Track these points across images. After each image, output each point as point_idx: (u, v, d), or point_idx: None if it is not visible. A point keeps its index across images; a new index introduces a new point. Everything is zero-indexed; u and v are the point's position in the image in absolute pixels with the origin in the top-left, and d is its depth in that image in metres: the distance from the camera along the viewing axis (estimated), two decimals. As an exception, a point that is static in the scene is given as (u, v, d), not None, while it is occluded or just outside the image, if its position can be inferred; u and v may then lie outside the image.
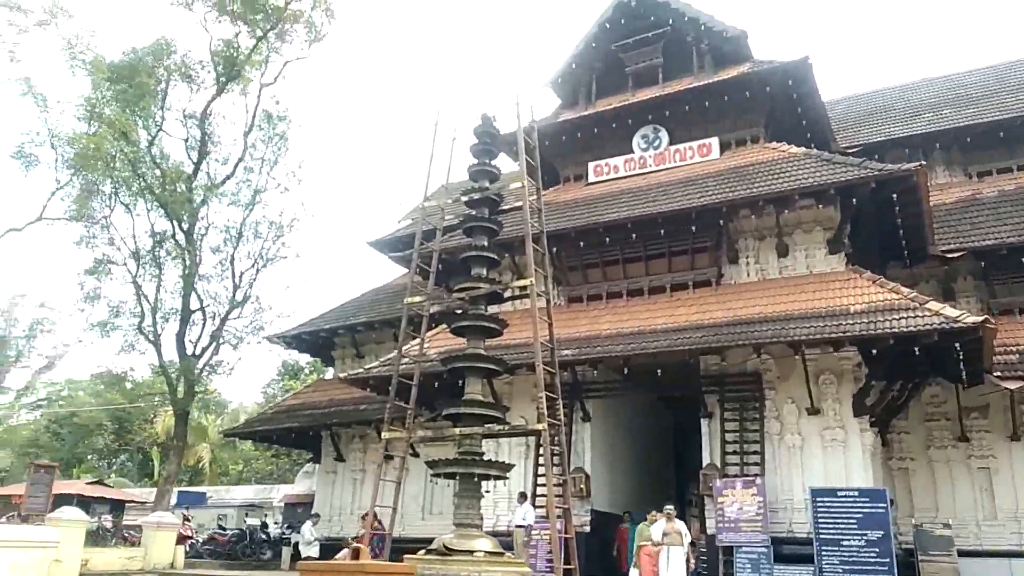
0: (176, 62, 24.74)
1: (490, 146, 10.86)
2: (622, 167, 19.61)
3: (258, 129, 25.90)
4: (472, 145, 10.80)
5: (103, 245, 25.30)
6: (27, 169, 23.81)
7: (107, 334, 27.23)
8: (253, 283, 26.26)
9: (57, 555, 16.45)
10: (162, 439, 38.21)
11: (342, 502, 21.02)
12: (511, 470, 10.24)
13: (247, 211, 26.07)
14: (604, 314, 16.75)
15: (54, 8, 23.89)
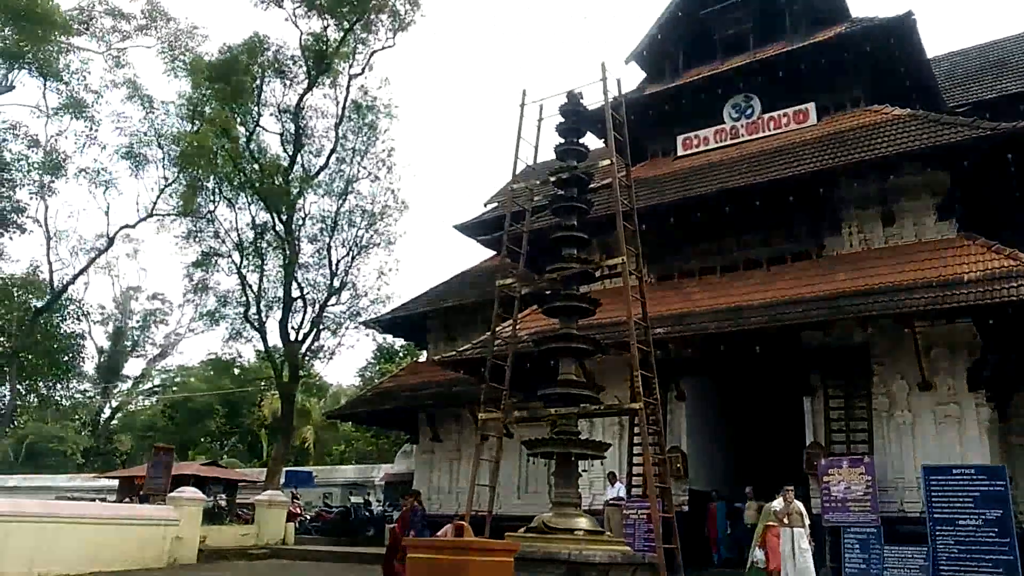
0: (269, 58, 25.65)
1: (577, 125, 10.75)
2: (712, 139, 19.06)
3: (348, 120, 26.61)
4: (559, 124, 10.72)
5: (209, 238, 26.73)
6: (137, 169, 25.23)
7: (215, 323, 28.84)
8: (349, 270, 27.15)
9: (178, 532, 17.55)
10: (269, 421, 40.11)
11: (439, 481, 21.48)
12: (607, 449, 10.20)
13: (341, 201, 26.91)
14: (697, 291, 16.39)
15: (153, 12, 25.13)
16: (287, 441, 27.75)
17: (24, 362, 22.30)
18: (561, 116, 10.66)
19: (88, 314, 27.72)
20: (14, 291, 22.31)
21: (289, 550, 20.13)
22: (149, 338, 49.19)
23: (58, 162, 23.40)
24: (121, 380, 49.84)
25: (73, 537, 15.36)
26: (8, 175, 21.41)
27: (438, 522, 17.15)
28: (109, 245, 25.26)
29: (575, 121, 10.69)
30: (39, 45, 21.14)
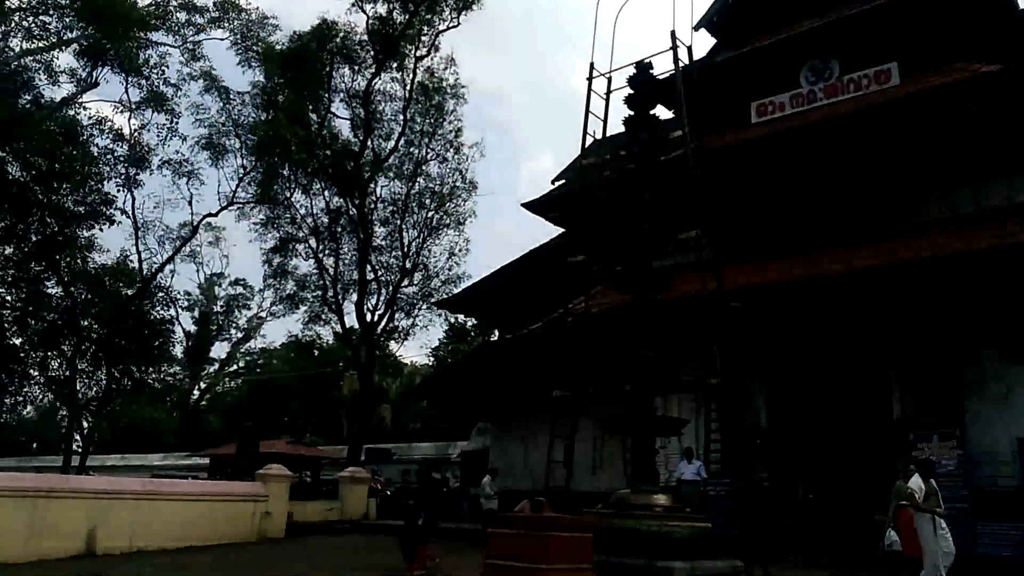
0: (337, 45, 26.01)
1: (646, 96, 10.52)
2: (788, 104, 18.38)
3: (415, 102, 26.82)
4: (627, 96, 10.52)
5: (286, 225, 27.49)
6: (217, 159, 26.05)
7: (295, 306, 29.71)
8: (420, 251, 27.51)
9: (267, 508, 18.27)
10: (348, 401, 41.19)
11: (514, 458, 21.65)
12: (685, 426, 10.07)
13: (411, 183, 27.21)
14: (774, 263, 15.91)
15: (225, 4, 25.76)
16: (366, 420, 28.47)
17: (118, 348, 23.43)
18: (630, 88, 10.46)
19: (176, 300, 29.03)
20: (107, 280, 23.42)
21: (372, 525, 20.68)
22: (233, 322, 51.20)
23: (142, 155, 24.38)
24: (208, 363, 52.08)
25: (169, 513, 16.17)
26: (96, 169, 22.38)
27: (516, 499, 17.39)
28: (193, 233, 26.38)
29: (645, 93, 10.47)
30: (120, 42, 21.97)
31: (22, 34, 22.73)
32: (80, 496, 14.44)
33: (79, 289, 22.99)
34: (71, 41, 22.92)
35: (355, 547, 17.08)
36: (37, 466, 35.52)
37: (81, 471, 22.01)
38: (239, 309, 50.56)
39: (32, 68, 22.89)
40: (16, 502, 13.44)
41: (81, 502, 14.35)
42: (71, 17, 22.25)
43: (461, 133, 28.09)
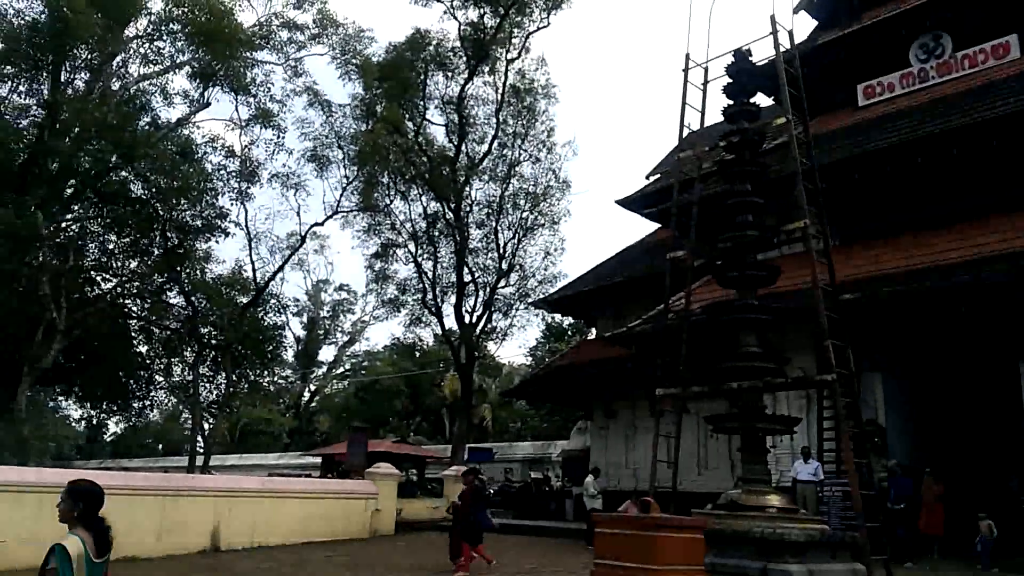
0: (431, 53, 26.53)
1: (746, 84, 10.23)
2: (898, 84, 17.47)
3: (507, 105, 27.02)
4: (726, 85, 10.25)
5: (386, 231, 28.26)
6: (321, 170, 27.04)
7: (396, 309, 30.50)
8: (516, 252, 27.68)
9: (377, 504, 18.83)
10: (450, 401, 41.97)
11: (616, 457, 21.48)
12: (797, 425, 9.71)
13: (505, 185, 27.43)
14: (887, 252, 15.14)
15: (324, 20, 26.70)
16: (467, 419, 28.89)
17: (235, 353, 24.63)
18: (728, 77, 10.18)
19: (286, 307, 30.25)
20: (223, 289, 24.69)
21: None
22: (339, 326, 53.19)
23: (253, 169, 25.60)
24: (317, 366, 54.27)
25: (287, 510, 16.92)
26: (211, 184, 23.64)
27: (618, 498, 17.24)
28: (302, 243, 27.40)
29: (744, 80, 10.17)
30: (228, 63, 23.16)
31: (139, 60, 24.39)
32: (205, 495, 15.30)
33: (199, 299, 24.34)
34: (183, 64, 24.34)
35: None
36: (164, 466, 37.96)
37: (204, 471, 23.29)
38: (344, 313, 52.56)
39: (149, 92, 24.47)
40: (147, 501, 14.37)
41: (206, 500, 15.19)
42: (183, 41, 23.62)
43: (553, 133, 28.12)
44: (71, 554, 3.64)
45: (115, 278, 24.19)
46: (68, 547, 3.65)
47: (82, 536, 3.77)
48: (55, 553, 3.64)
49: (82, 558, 3.69)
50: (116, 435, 55.36)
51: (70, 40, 20.36)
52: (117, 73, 23.84)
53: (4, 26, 21.34)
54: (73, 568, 3.63)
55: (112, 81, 23.46)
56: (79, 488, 3.94)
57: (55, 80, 21.68)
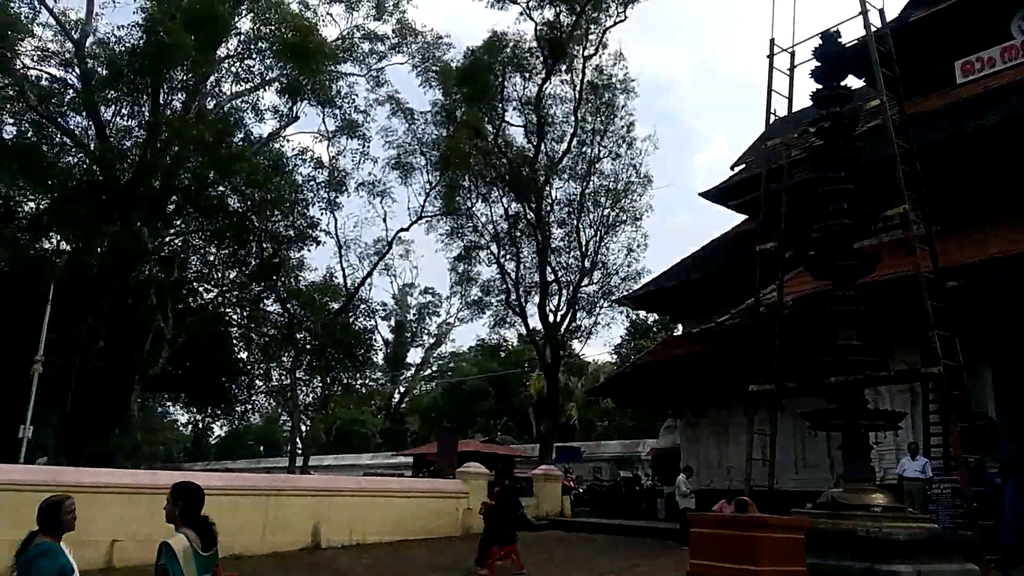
0: (508, 55, 26.73)
1: (835, 67, 9.84)
2: (999, 59, 16.43)
3: (586, 102, 26.93)
4: (814, 69, 9.89)
5: (469, 233, 28.64)
6: (405, 177, 27.66)
7: (481, 311, 30.87)
8: (598, 250, 27.54)
9: (468, 503, 19.04)
10: (536, 400, 42.10)
11: (707, 456, 21.02)
12: (901, 420, 9.28)
13: (585, 182, 27.34)
14: (992, 236, 14.24)
15: (403, 30, 27.30)
16: (554, 418, 28.91)
17: (329, 357, 25.45)
18: (816, 60, 9.82)
19: (375, 311, 31.03)
20: (316, 296, 25.59)
21: (567, 522, 20.95)
22: (425, 329, 54.22)
23: (341, 179, 26.46)
24: (405, 368, 55.44)
25: (382, 509, 17.33)
26: (302, 195, 24.57)
27: (710, 498, 16.86)
28: (388, 248, 28.10)
29: (833, 63, 9.79)
30: (314, 77, 23.98)
31: (231, 79, 25.57)
32: (305, 494, 15.83)
33: (293, 306, 25.31)
34: (272, 80, 25.37)
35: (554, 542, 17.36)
36: (265, 467, 39.56)
37: (304, 471, 24.14)
38: (430, 316, 53.54)
39: (241, 109, 25.65)
40: (252, 500, 14.99)
41: (306, 499, 15.71)
42: (271, 59, 24.62)
43: (633, 127, 27.86)
44: (176, 550, 3.93)
45: (216, 288, 25.45)
46: (173, 544, 3.94)
47: (187, 533, 4.04)
48: (162, 550, 3.94)
49: (188, 552, 3.97)
50: (220, 438, 58.06)
51: (167, 63, 21.48)
52: (211, 92, 25.06)
53: (107, 53, 22.72)
54: (180, 562, 3.91)
55: (207, 100, 24.66)
56: (180, 489, 4.25)
57: (155, 102, 22.94)
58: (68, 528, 4.56)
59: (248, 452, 57.79)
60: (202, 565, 4.07)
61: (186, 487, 4.31)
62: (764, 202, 11.00)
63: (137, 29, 22.56)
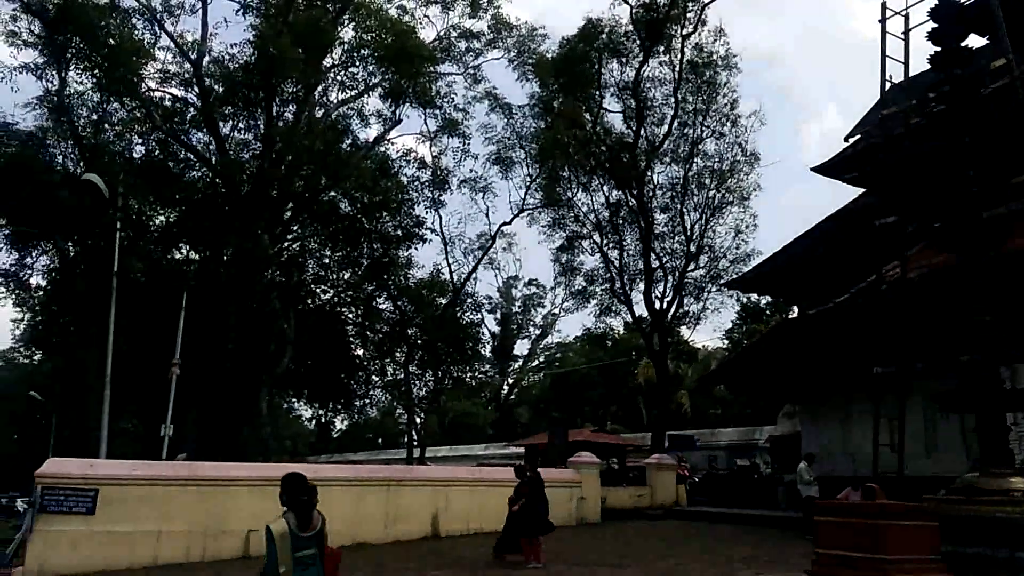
0: (604, 41, 26.51)
1: (955, 27, 9.21)
2: None
3: (686, 82, 26.38)
4: (931, 30, 9.30)
5: (570, 223, 28.65)
6: (505, 171, 27.98)
7: (585, 300, 30.86)
8: (704, 233, 26.96)
9: (581, 493, 19.13)
10: (645, 388, 41.67)
11: (829, 442, 20.23)
12: (1044, 399, 8.65)
13: (687, 165, 26.81)
14: None
15: (498, 25, 27.56)
16: (664, 407, 28.57)
17: (440, 351, 26.14)
18: (933, 21, 9.23)
19: (481, 305, 31.59)
20: (425, 293, 26.33)
21: (683, 511, 20.70)
22: (530, 320, 54.73)
23: (444, 178, 27.06)
24: (513, 360, 56.14)
25: (497, 498, 17.56)
26: (408, 196, 25.33)
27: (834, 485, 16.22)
28: (492, 243, 28.50)
29: (952, 23, 9.17)
30: (415, 80, 24.60)
31: (337, 87, 26.60)
32: (424, 484, 16.36)
33: (404, 303, 26.15)
34: (375, 86, 26.20)
35: (670, 531, 17.20)
36: (384, 459, 41.02)
37: (421, 462, 24.93)
38: (534, 308, 53.97)
39: (348, 116, 26.64)
40: (375, 490, 15.62)
41: (425, 489, 16.23)
42: (373, 65, 25.41)
43: (737, 105, 27.07)
44: (275, 532, 4.49)
45: (332, 289, 26.66)
46: (272, 527, 4.51)
47: (287, 516, 4.58)
48: (267, 529, 4.51)
49: (286, 534, 4.50)
50: (341, 431, 60.62)
51: (278, 77, 22.58)
52: (319, 102, 26.14)
53: (222, 71, 24.12)
54: (276, 543, 4.45)
55: (316, 110, 25.75)
56: (283, 477, 4.84)
57: (268, 115, 24.17)
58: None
59: (367, 444, 60.07)
60: (299, 544, 4.54)
61: (287, 475, 4.84)
62: (883, 174, 10.44)
63: (248, 46, 23.85)
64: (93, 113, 23.50)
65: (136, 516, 13.45)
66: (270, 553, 4.44)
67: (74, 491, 13.10)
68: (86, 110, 23.61)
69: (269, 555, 4.44)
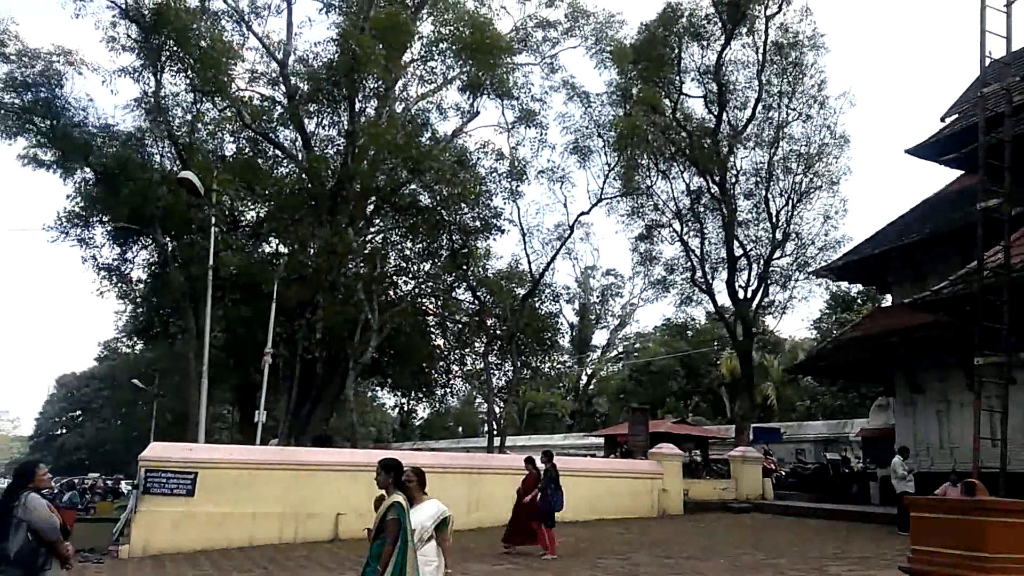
0: (683, 25, 25.98)
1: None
2: None
3: (770, 64, 25.63)
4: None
5: (649, 212, 28.26)
6: (583, 160, 27.80)
7: (665, 290, 30.43)
8: (790, 220, 26.18)
9: (663, 485, 18.97)
10: (728, 380, 40.82)
11: (926, 436, 19.40)
12: None
13: (773, 149, 26.07)
14: None
15: (575, 13, 27.35)
16: (749, 398, 27.93)
17: (518, 341, 26.27)
18: (1042, -10, 8.67)
19: (560, 295, 31.50)
20: (503, 283, 26.48)
21: (769, 505, 20.26)
22: (608, 310, 54.40)
23: (521, 169, 27.07)
24: (591, 350, 55.92)
25: (579, 489, 17.62)
26: (486, 187, 25.46)
27: (931, 481, 15.55)
28: (570, 233, 28.34)
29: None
30: (492, 71, 24.71)
31: (416, 81, 26.98)
32: (504, 473, 16.54)
33: (483, 293, 26.36)
34: (453, 79, 26.42)
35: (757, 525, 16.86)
36: (465, 447, 41.66)
37: (500, 451, 25.16)
38: (613, 298, 53.58)
39: (427, 109, 26.99)
40: (458, 478, 15.95)
41: (505, 478, 16.36)
42: (451, 58, 25.65)
43: (825, 85, 26.06)
44: (404, 506, 5.12)
45: (413, 280, 27.15)
46: (402, 501, 5.14)
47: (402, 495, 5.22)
48: (395, 506, 5.09)
49: (407, 510, 5.15)
50: (423, 419, 61.86)
51: (360, 73, 23.10)
52: (399, 97, 26.57)
53: (307, 69, 24.84)
54: (408, 515, 5.10)
55: (396, 104, 26.21)
56: (388, 463, 5.37)
57: (351, 111, 24.76)
58: None
59: (448, 433, 61.12)
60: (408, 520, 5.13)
61: (393, 461, 5.40)
62: (984, 154, 9.91)
63: (332, 44, 24.45)
64: (187, 113, 24.61)
65: (232, 498, 14.13)
66: (405, 523, 5.03)
67: (175, 474, 13.88)
68: (180, 110, 24.76)
69: (404, 526, 5.03)
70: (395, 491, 5.21)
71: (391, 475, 5.28)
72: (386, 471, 5.28)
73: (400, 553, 4.98)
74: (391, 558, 4.94)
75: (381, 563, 4.95)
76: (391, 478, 5.26)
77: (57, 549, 5.54)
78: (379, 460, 5.45)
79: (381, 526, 5.06)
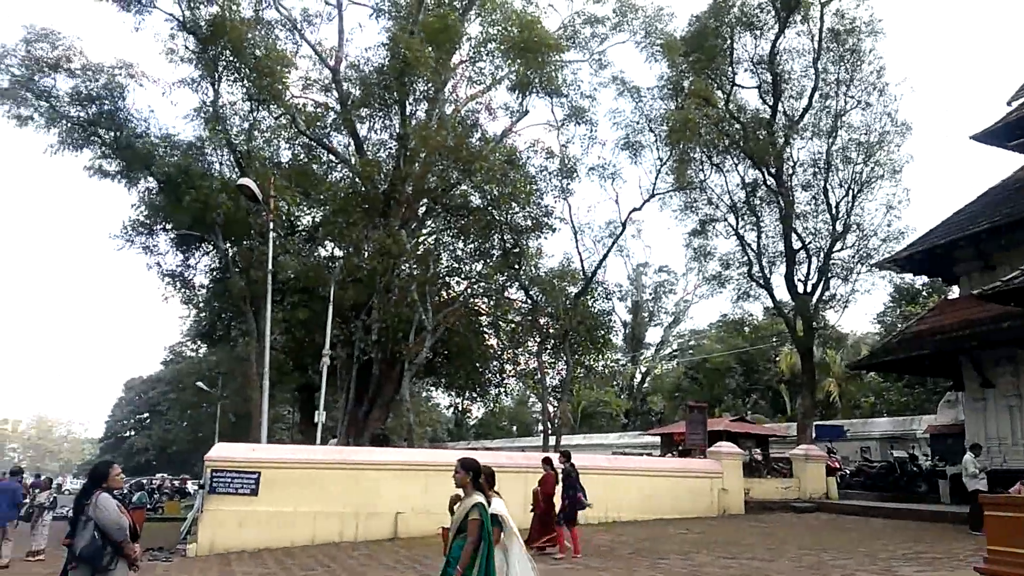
0: (735, 15, 25.53)
1: None
2: None
3: (826, 52, 25.02)
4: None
5: (703, 206, 27.87)
6: (635, 156, 27.54)
7: (721, 285, 29.92)
8: (851, 211, 25.52)
9: (723, 484, 18.66)
10: (787, 376, 39.91)
11: (998, 432, 18.66)
12: None
13: (831, 139, 25.46)
14: None
15: (623, 7, 27.08)
16: (811, 395, 27.27)
17: (571, 340, 26.16)
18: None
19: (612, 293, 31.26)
20: (555, 282, 26.41)
21: (833, 504, 19.76)
22: (662, 308, 53.76)
23: (571, 166, 26.95)
24: (645, 348, 55.36)
25: (633, 487, 17.55)
26: (536, 186, 25.42)
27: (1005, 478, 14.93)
28: (623, 230, 28.10)
29: None
30: (541, 70, 24.65)
31: (465, 83, 27.10)
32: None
33: (535, 292, 26.34)
34: (502, 79, 26.46)
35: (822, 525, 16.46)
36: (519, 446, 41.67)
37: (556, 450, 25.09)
38: (666, 295, 52.92)
39: (476, 110, 27.07)
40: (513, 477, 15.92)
41: (561, 476, 16.35)
42: (500, 58, 25.70)
43: (884, 72, 25.28)
44: (486, 507, 5.23)
45: (465, 280, 27.28)
46: (484, 502, 5.25)
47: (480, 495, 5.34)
48: (477, 506, 5.19)
49: (487, 509, 5.25)
50: (478, 419, 62.21)
51: (410, 76, 23.33)
52: (449, 99, 26.75)
53: (359, 74, 25.19)
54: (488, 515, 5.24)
55: (446, 106, 26.38)
56: (468, 462, 5.49)
57: (402, 114, 25.04)
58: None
59: (503, 432, 61.27)
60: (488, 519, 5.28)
61: (472, 461, 5.52)
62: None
63: (382, 49, 24.75)
64: (244, 121, 25.22)
65: (295, 497, 14.42)
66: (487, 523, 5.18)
67: (239, 474, 14.23)
68: (238, 119, 25.39)
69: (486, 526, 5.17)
70: (473, 490, 5.32)
71: (470, 474, 5.39)
72: (465, 470, 5.41)
73: (483, 555, 5.09)
74: (471, 557, 5.05)
75: (461, 563, 5.04)
76: (469, 477, 5.38)
77: (124, 549, 5.61)
78: (458, 459, 5.57)
79: (462, 525, 5.11)
